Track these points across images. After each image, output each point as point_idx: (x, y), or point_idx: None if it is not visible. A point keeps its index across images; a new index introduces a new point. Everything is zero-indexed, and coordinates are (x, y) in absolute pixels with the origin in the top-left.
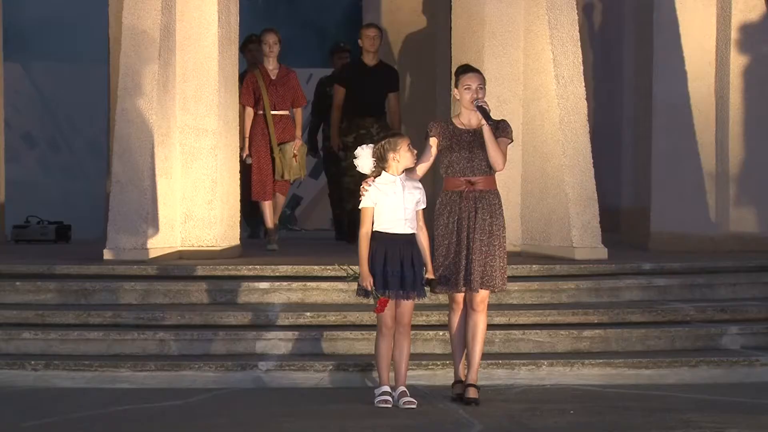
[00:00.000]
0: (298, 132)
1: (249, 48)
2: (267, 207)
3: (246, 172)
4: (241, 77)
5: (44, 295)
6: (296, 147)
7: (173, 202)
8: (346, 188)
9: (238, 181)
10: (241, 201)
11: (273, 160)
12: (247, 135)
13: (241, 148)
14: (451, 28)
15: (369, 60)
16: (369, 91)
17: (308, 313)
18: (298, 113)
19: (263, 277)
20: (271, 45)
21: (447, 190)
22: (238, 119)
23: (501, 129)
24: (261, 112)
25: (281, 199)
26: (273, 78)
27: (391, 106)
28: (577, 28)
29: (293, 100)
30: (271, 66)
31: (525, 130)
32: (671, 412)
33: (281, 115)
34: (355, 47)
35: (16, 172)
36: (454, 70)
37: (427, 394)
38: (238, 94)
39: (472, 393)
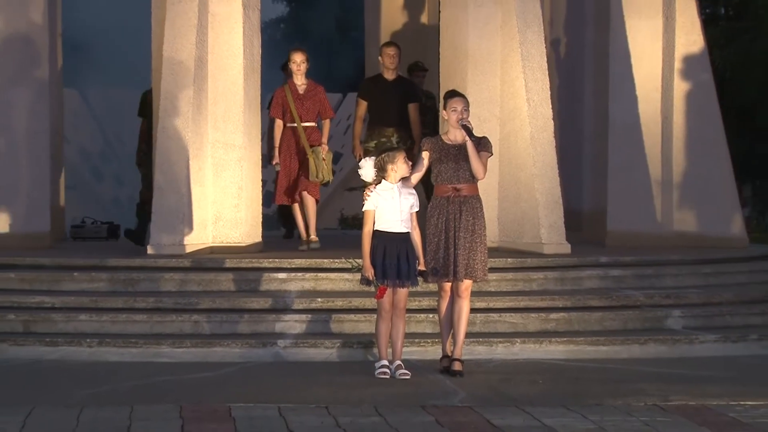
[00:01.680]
0: (325, 140)
1: (289, 67)
2: (297, 210)
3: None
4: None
5: (97, 284)
6: (323, 153)
7: (205, 205)
8: None
9: (260, 188)
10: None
11: (302, 163)
12: (277, 144)
13: (272, 156)
14: (439, 59)
15: (389, 75)
16: (388, 103)
17: (319, 299)
18: (326, 124)
19: (281, 269)
20: (299, 63)
21: (436, 195)
22: (260, 136)
23: (482, 144)
24: (289, 124)
25: (311, 200)
26: (301, 93)
27: (411, 116)
28: (546, 59)
29: (321, 112)
30: (300, 82)
31: (501, 145)
32: (625, 383)
33: (307, 126)
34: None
35: (74, 180)
36: (442, 94)
37: (419, 367)
38: (260, 115)
39: (457, 366)
